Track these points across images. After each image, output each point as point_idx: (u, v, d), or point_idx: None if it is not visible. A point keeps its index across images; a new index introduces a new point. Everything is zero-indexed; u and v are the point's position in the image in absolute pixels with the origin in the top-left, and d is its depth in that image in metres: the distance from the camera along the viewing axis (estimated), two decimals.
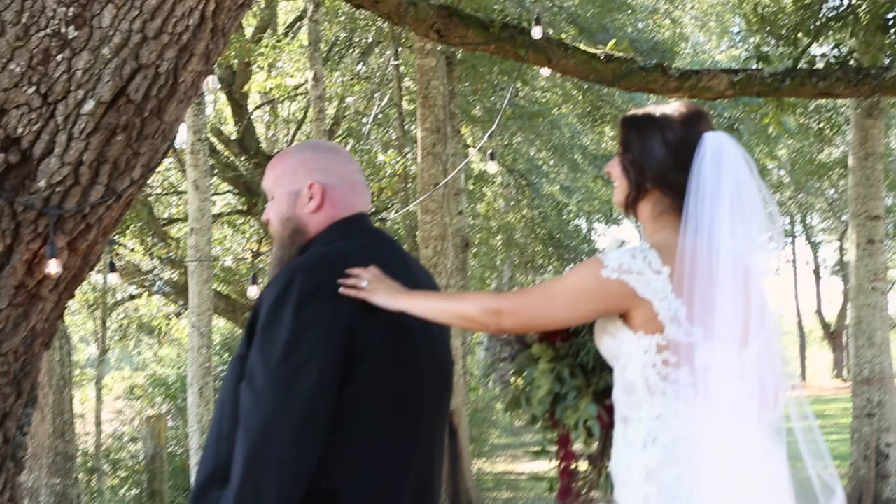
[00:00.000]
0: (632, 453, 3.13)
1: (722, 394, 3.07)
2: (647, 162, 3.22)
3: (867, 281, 13.63)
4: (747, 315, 3.10)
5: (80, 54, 3.23)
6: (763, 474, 3.10)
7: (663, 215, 3.22)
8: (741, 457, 3.08)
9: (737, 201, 3.12)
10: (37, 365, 3.65)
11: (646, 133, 3.24)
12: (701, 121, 3.24)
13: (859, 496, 13.30)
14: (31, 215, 3.30)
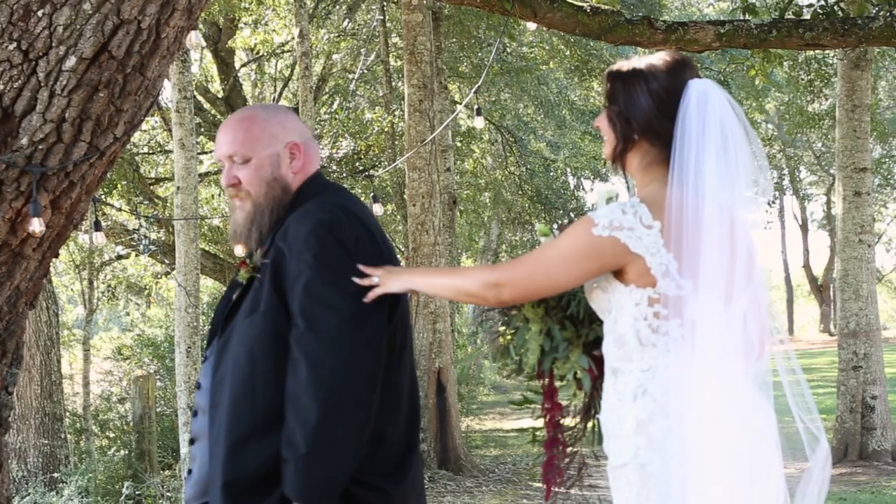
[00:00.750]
0: (622, 405, 3.13)
1: (709, 346, 3.07)
2: (633, 113, 3.21)
3: (854, 234, 13.65)
4: (734, 268, 3.10)
5: (61, 10, 3.20)
6: (751, 426, 3.11)
7: (652, 167, 3.21)
8: (729, 409, 3.08)
9: (722, 150, 3.10)
10: (21, 325, 3.64)
11: (631, 84, 3.22)
12: (686, 69, 3.22)
13: (845, 449, 13.39)
14: (13, 173, 3.28)
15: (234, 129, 3.56)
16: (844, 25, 8.15)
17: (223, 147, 3.55)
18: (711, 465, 3.02)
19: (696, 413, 3.04)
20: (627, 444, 3.12)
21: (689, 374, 3.07)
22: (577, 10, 8.01)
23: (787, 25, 8.22)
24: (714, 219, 3.07)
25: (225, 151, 3.55)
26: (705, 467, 3.02)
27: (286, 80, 23.24)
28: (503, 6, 7.79)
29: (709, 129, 3.09)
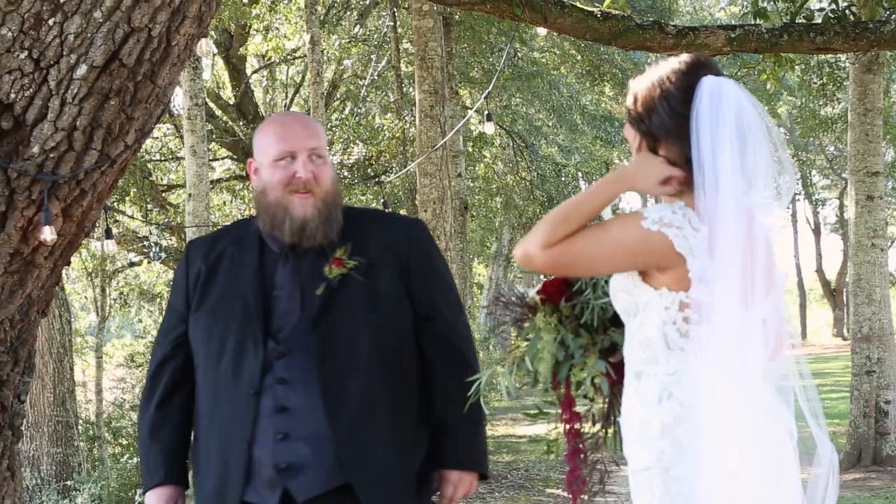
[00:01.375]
0: (646, 408, 3.10)
1: (733, 351, 3.05)
2: (651, 114, 3.16)
3: (866, 238, 13.59)
4: (754, 272, 3.06)
5: (72, 18, 3.20)
6: (774, 433, 3.10)
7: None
8: (753, 415, 3.07)
9: (738, 147, 3.06)
10: (33, 333, 3.64)
11: (647, 86, 3.19)
12: (702, 68, 3.17)
13: (859, 454, 13.33)
14: (25, 182, 3.29)
15: (312, 126, 3.72)
16: (856, 29, 8.13)
17: (307, 140, 3.63)
18: (734, 470, 3.01)
19: (721, 418, 3.02)
20: (651, 447, 3.08)
21: (716, 379, 3.04)
22: (588, 15, 8.01)
23: (797, 30, 8.19)
24: (738, 221, 3.03)
25: (308, 144, 3.62)
26: (728, 473, 3.01)
27: (297, 87, 23.28)
28: (513, 11, 7.79)
29: (722, 125, 3.05)
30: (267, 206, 3.61)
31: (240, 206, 22.48)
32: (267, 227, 3.62)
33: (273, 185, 3.59)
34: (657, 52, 8.36)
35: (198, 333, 3.64)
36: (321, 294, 3.58)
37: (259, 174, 3.66)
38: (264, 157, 3.64)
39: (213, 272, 3.66)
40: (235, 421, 3.54)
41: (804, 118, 30.42)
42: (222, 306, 3.62)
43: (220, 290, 3.64)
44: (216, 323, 3.60)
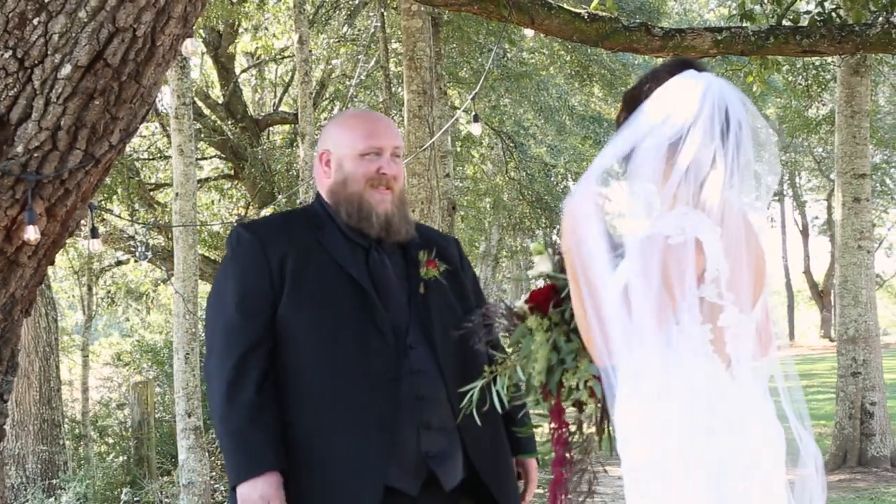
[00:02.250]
0: (645, 407, 3.09)
1: (736, 353, 3.08)
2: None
3: (853, 239, 13.64)
4: (750, 274, 3.09)
5: (57, 18, 3.20)
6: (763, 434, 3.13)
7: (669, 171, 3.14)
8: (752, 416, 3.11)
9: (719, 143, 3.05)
10: (16, 332, 3.64)
11: (637, 90, 3.23)
12: (687, 68, 3.19)
13: (844, 455, 13.37)
14: (8, 181, 3.28)
15: (394, 126, 3.89)
16: (842, 32, 8.16)
17: (393, 139, 3.82)
18: (732, 471, 3.03)
19: (720, 419, 3.04)
20: (649, 446, 3.08)
21: (715, 377, 3.07)
22: (575, 16, 8.02)
23: (784, 32, 8.22)
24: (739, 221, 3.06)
25: (394, 143, 3.82)
26: (726, 473, 3.02)
27: (286, 86, 23.25)
28: (500, 13, 7.81)
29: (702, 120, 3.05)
30: (349, 198, 3.74)
31: (227, 205, 22.47)
32: (354, 219, 3.74)
33: (357, 178, 3.74)
34: (644, 53, 8.39)
35: (302, 319, 3.62)
36: (423, 293, 3.77)
37: (338, 165, 3.79)
38: (349, 149, 3.77)
39: (303, 257, 3.67)
40: (370, 408, 3.57)
41: (790, 119, 30.49)
42: (328, 294, 3.65)
43: (320, 276, 3.66)
44: (324, 309, 3.62)
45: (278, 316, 3.62)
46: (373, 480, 3.53)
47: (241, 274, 3.67)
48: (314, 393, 3.59)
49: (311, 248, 3.69)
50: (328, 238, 3.72)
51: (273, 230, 3.75)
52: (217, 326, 3.66)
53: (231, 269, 3.70)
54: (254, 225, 3.87)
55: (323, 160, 3.84)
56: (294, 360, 3.61)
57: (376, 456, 3.54)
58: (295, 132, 20.54)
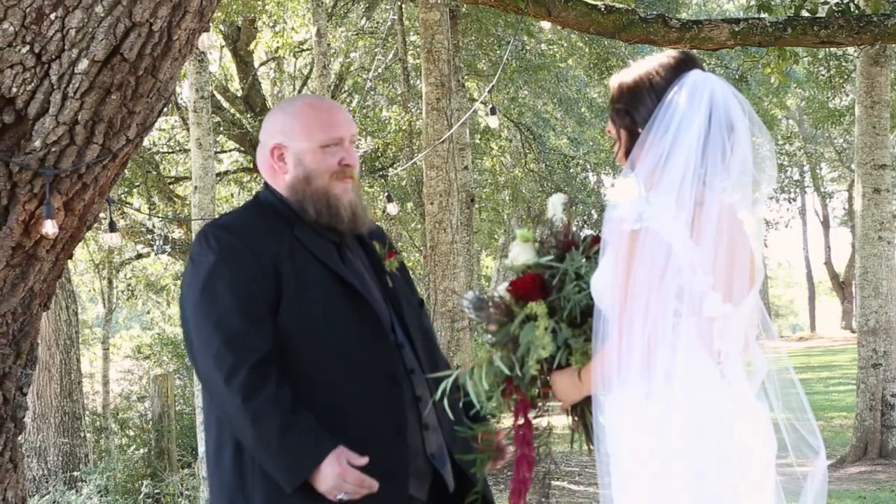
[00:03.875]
0: (634, 405, 3.09)
1: (725, 347, 3.09)
2: (637, 108, 3.20)
3: (873, 230, 13.58)
4: (737, 267, 3.10)
5: (74, 13, 3.22)
6: (758, 426, 3.16)
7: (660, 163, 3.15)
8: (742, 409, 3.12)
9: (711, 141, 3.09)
10: (35, 326, 3.66)
11: (635, 84, 3.23)
12: (689, 64, 3.22)
13: (865, 447, 13.32)
14: (26, 175, 3.31)
15: (347, 113, 3.70)
16: (860, 23, 8.12)
17: (350, 127, 3.65)
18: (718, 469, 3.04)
19: (710, 415, 3.05)
20: (639, 444, 3.08)
21: (704, 373, 3.07)
22: (592, 8, 8.01)
23: (801, 23, 8.20)
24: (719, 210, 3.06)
25: (351, 131, 3.64)
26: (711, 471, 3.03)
27: (305, 79, 23.27)
28: (517, 5, 7.80)
29: (697, 118, 3.07)
30: (314, 195, 3.55)
31: (246, 198, 22.50)
32: (324, 216, 3.55)
33: (320, 173, 3.55)
34: (661, 45, 8.36)
35: (302, 322, 3.44)
36: (391, 287, 3.67)
37: (297, 160, 3.57)
38: (307, 142, 3.56)
39: (291, 258, 3.49)
40: (383, 412, 3.46)
41: (813, 110, 30.35)
42: (323, 295, 3.48)
43: (312, 277, 3.48)
44: (323, 311, 3.46)
45: (279, 320, 3.43)
46: (398, 492, 3.43)
47: (237, 278, 3.42)
48: (322, 399, 3.42)
49: (294, 247, 3.51)
50: (304, 236, 3.54)
51: (251, 230, 3.52)
52: (215, 338, 3.36)
53: (220, 272, 3.42)
54: (229, 226, 3.58)
55: (274, 155, 3.60)
56: (299, 365, 3.42)
57: (398, 465, 3.43)
58: None
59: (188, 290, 3.47)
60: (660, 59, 3.25)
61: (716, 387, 3.08)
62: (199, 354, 3.41)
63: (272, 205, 3.62)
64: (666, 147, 3.06)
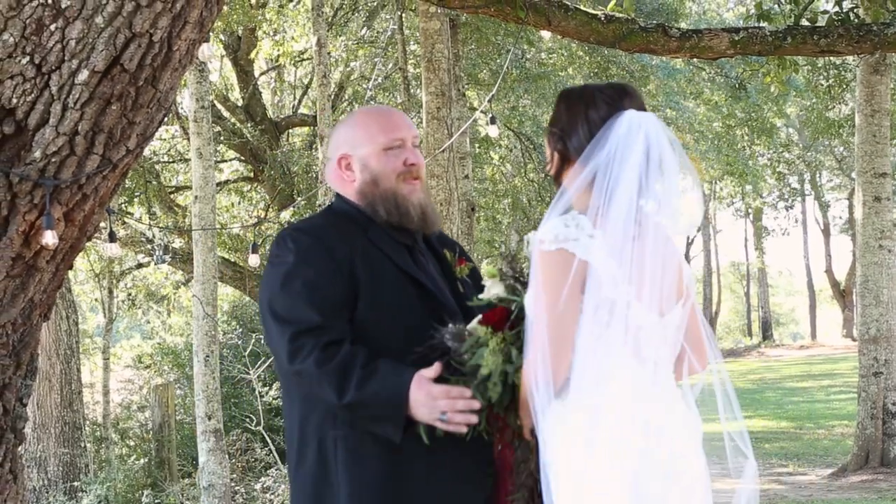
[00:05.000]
0: (566, 411, 3.20)
1: (653, 355, 3.22)
2: (570, 136, 3.38)
3: (874, 239, 13.58)
4: (665, 280, 3.24)
5: (74, 23, 3.22)
6: (683, 440, 3.24)
7: (589, 186, 3.31)
8: (673, 417, 3.23)
9: (647, 172, 3.24)
10: (35, 336, 3.66)
11: (573, 109, 3.40)
12: (626, 98, 3.38)
13: (866, 455, 13.29)
14: (27, 186, 3.31)
15: (407, 117, 3.82)
16: (859, 32, 8.13)
17: (411, 129, 3.75)
18: (649, 478, 3.13)
19: (636, 424, 3.15)
20: (566, 451, 3.17)
21: (630, 381, 3.18)
22: (592, 18, 8.02)
23: (801, 32, 8.21)
24: (645, 232, 3.22)
25: (412, 133, 3.74)
26: (646, 476, 3.12)
27: (305, 88, 23.29)
28: (517, 15, 7.81)
29: (633, 155, 3.24)
30: (384, 196, 3.66)
31: (247, 207, 22.51)
32: (394, 217, 3.66)
33: (387, 174, 3.67)
34: (661, 54, 8.38)
35: (379, 325, 3.50)
36: (462, 291, 3.74)
37: (363, 165, 3.69)
38: (370, 146, 3.68)
39: (367, 261, 3.56)
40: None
41: (812, 120, 30.36)
42: (399, 298, 3.55)
43: (387, 280, 3.56)
44: (398, 314, 3.53)
45: (355, 317, 3.50)
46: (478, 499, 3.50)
47: (314, 277, 3.50)
48: None
49: (367, 248, 3.59)
50: (378, 239, 3.63)
51: (327, 233, 3.61)
52: (290, 328, 3.44)
53: (298, 272, 3.51)
54: (306, 229, 3.67)
55: (342, 165, 3.73)
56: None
57: (478, 469, 3.50)
58: (314, 134, 20.59)
59: (267, 290, 3.57)
60: (601, 90, 3.42)
61: (645, 394, 3.20)
62: (279, 349, 3.48)
63: (345, 211, 3.73)
64: (607, 184, 3.23)
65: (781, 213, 50.68)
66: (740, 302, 66.14)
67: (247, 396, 15.76)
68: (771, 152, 36.15)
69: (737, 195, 47.15)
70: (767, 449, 16.30)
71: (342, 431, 3.47)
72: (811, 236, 53.41)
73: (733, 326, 66.29)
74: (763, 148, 34.10)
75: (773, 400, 25.18)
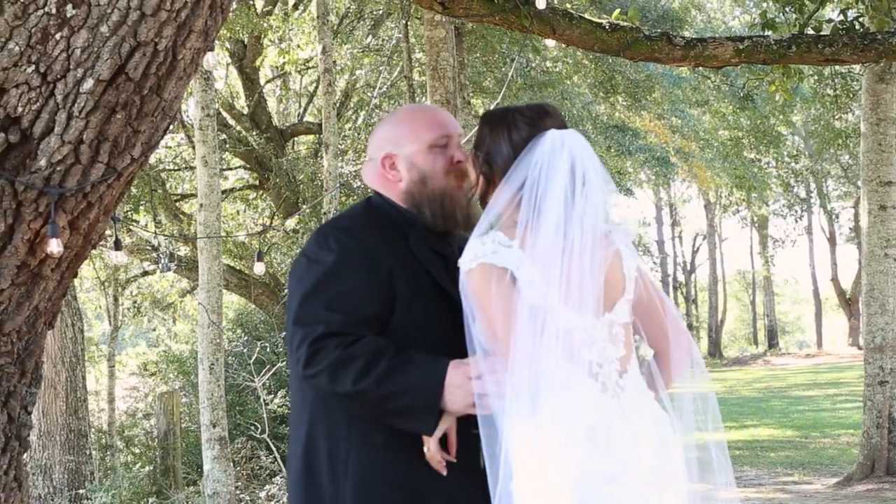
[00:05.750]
0: (513, 423, 3.22)
1: (588, 357, 3.26)
2: (494, 158, 3.43)
3: (879, 248, 13.56)
4: (595, 280, 3.28)
5: (79, 32, 3.23)
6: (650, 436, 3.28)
7: (512, 205, 3.37)
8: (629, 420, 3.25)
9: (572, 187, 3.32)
10: (40, 344, 3.66)
11: (496, 132, 3.44)
12: (547, 118, 3.44)
13: (872, 464, 13.27)
14: (32, 194, 3.31)
15: (449, 113, 3.74)
16: (864, 40, 8.13)
17: (456, 126, 3.68)
18: (587, 483, 3.14)
19: (578, 427, 3.18)
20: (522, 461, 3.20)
21: (567, 387, 3.21)
22: (596, 26, 8.03)
23: (806, 41, 8.21)
24: (573, 234, 3.28)
25: (457, 130, 3.66)
26: (580, 486, 3.14)
27: (311, 96, 23.33)
28: (522, 23, 7.82)
29: (558, 172, 3.31)
30: (431, 196, 3.57)
31: (253, 215, 22.54)
32: (439, 220, 3.56)
33: (437, 173, 3.57)
34: (666, 63, 8.38)
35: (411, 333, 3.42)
36: None
37: (410, 164, 3.58)
38: (416, 144, 3.59)
39: (406, 272, 3.47)
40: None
41: (818, 130, 30.36)
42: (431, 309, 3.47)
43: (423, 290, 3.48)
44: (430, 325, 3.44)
45: (390, 328, 3.42)
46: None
47: (353, 284, 3.41)
48: None
49: (408, 262, 3.48)
50: (418, 249, 3.52)
51: (369, 236, 3.50)
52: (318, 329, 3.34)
53: (337, 275, 3.41)
54: (349, 229, 3.54)
55: (386, 165, 3.62)
56: None
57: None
58: (319, 142, 20.62)
59: (300, 286, 3.45)
60: (521, 111, 3.47)
61: (591, 398, 3.23)
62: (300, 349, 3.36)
63: (386, 211, 3.62)
64: (533, 205, 3.30)
65: (790, 223, 50.70)
66: (746, 310, 66.13)
67: (251, 404, 15.77)
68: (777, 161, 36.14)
69: (742, 203, 47.16)
70: (773, 458, 16.28)
71: (355, 444, 3.39)
72: (817, 245, 53.42)
73: (739, 335, 66.28)
74: (769, 157, 34.07)
75: (778, 408, 25.15)
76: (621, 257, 3.41)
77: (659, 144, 27.83)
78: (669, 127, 27.95)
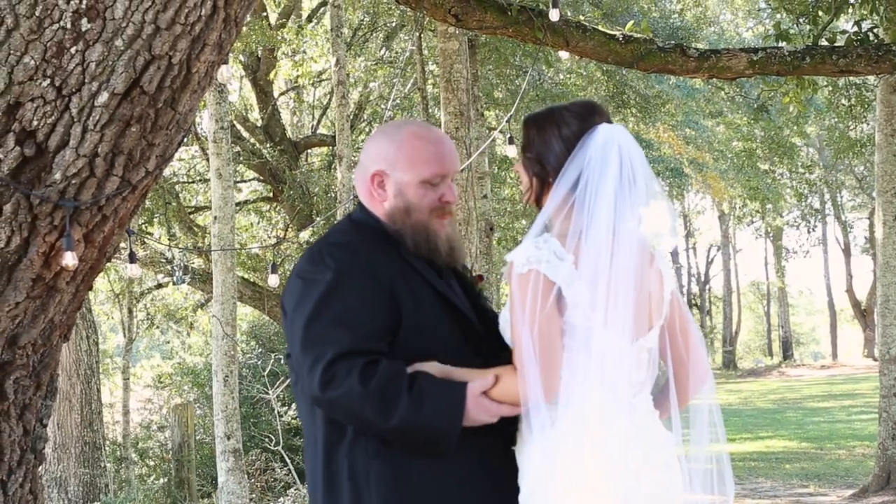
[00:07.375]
0: (531, 436, 3.21)
1: (618, 379, 3.22)
2: (547, 157, 3.38)
3: (894, 258, 13.50)
4: (640, 303, 3.24)
5: (94, 46, 3.24)
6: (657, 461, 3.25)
7: (565, 207, 3.32)
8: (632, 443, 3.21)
9: (622, 189, 3.26)
10: (55, 357, 3.67)
11: (544, 131, 3.40)
12: (595, 114, 3.39)
13: (888, 476, 13.20)
14: (47, 208, 3.32)
15: (454, 148, 3.61)
16: (878, 52, 8.12)
17: (455, 164, 3.59)
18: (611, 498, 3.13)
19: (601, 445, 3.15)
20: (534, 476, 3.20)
21: (595, 406, 3.17)
22: (610, 38, 8.03)
23: (820, 52, 8.19)
24: (622, 254, 3.22)
25: (455, 168, 3.58)
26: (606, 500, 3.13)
27: (324, 109, 23.37)
28: (535, 35, 7.83)
29: (610, 169, 3.26)
30: (414, 228, 3.48)
31: (266, 227, 22.57)
32: (423, 250, 3.48)
33: (421, 208, 3.49)
34: (679, 74, 8.38)
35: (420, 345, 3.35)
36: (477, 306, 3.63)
37: (398, 191, 3.51)
38: (411, 176, 3.50)
39: (407, 283, 3.40)
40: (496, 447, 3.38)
41: (833, 140, 30.28)
42: (437, 320, 3.41)
43: (426, 301, 3.41)
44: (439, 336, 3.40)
45: (394, 346, 3.34)
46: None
47: (356, 300, 3.32)
48: None
49: (406, 272, 3.43)
50: (413, 259, 3.47)
51: (365, 250, 3.43)
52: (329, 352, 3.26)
53: (339, 293, 3.33)
54: (344, 244, 3.46)
55: (375, 181, 3.53)
56: None
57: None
58: (333, 154, 20.64)
59: (300, 309, 3.35)
60: (568, 108, 3.43)
61: (609, 418, 3.19)
62: (312, 376, 3.27)
63: (371, 226, 3.55)
64: (587, 204, 3.25)
65: (803, 234, 50.59)
66: (760, 321, 65.96)
67: (266, 416, 15.78)
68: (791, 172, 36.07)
69: (756, 214, 47.08)
70: (788, 469, 16.22)
71: (377, 461, 3.32)
72: (831, 256, 53.28)
73: (753, 346, 66.10)
74: (784, 168, 34.00)
75: (793, 420, 25.06)
76: (662, 279, 3.36)
77: (673, 156, 27.82)
78: (683, 138, 27.93)
